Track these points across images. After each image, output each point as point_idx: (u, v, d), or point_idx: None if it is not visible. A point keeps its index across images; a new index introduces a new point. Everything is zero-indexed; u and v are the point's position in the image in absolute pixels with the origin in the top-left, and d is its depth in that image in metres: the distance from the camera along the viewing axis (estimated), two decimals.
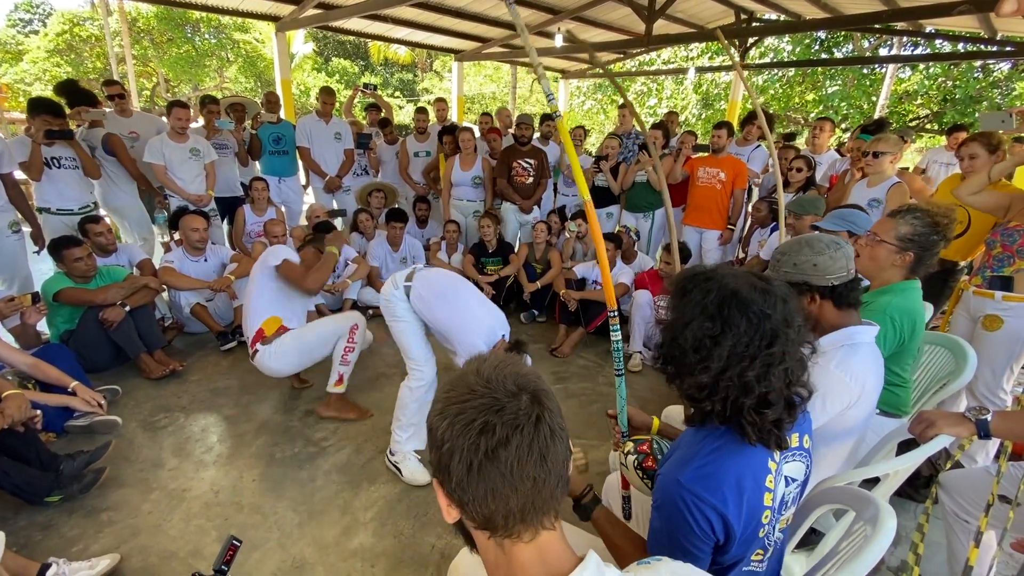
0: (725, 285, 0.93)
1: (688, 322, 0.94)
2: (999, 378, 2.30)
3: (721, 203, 4.17)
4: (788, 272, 1.41)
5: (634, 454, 1.25)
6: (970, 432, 1.30)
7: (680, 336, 0.95)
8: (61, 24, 15.97)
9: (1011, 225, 2.27)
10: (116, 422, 2.55)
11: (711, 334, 0.91)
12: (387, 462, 2.36)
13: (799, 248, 1.42)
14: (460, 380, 0.69)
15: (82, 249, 2.99)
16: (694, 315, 0.94)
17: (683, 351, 0.94)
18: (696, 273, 0.99)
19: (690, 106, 14.09)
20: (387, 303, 2.34)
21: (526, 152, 4.53)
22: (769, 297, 0.92)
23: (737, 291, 0.92)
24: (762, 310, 0.91)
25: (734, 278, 0.95)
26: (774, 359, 0.91)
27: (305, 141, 4.78)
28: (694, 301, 0.95)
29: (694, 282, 0.97)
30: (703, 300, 0.94)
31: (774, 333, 0.91)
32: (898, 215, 1.76)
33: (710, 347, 0.91)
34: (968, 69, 11.05)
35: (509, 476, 0.62)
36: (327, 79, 19.15)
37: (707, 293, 0.94)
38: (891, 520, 0.99)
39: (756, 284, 0.94)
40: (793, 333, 0.93)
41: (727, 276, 0.96)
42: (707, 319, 0.92)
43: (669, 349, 0.99)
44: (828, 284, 1.38)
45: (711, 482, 0.90)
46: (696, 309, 0.94)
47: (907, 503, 2.22)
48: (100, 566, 1.75)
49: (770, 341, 0.91)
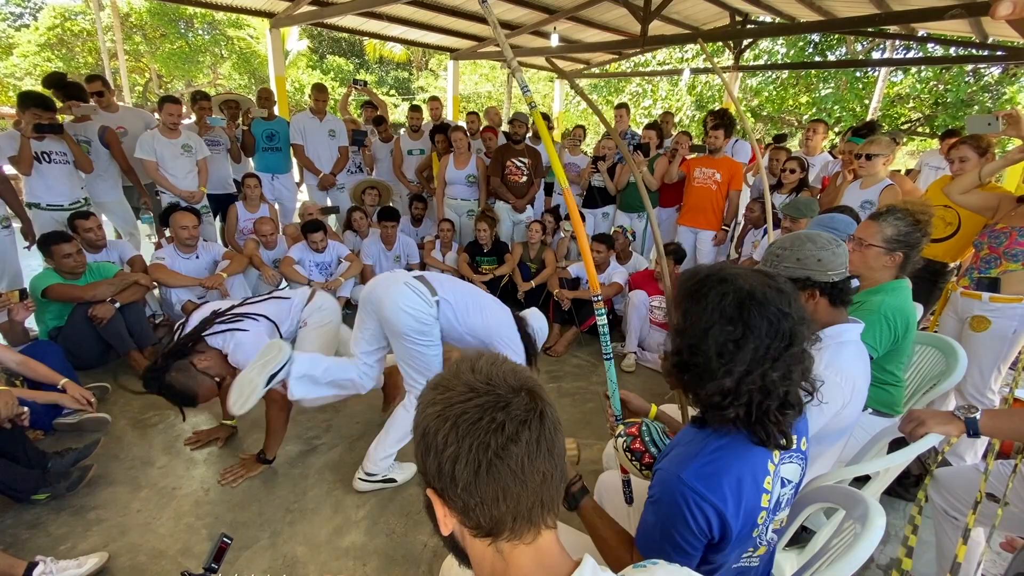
0: (740, 287, 0.92)
1: (708, 327, 0.91)
2: (987, 378, 2.32)
3: (716, 204, 4.18)
4: (790, 267, 1.40)
5: (624, 436, 1.26)
6: (959, 431, 1.32)
7: (702, 342, 0.92)
8: (52, 18, 15.76)
9: (998, 227, 2.30)
10: (106, 420, 2.53)
11: (733, 338, 0.90)
12: (367, 485, 2.19)
13: (801, 243, 1.41)
14: (454, 380, 0.66)
15: (72, 245, 2.96)
16: (713, 319, 0.91)
17: (706, 357, 0.91)
18: (708, 275, 0.96)
19: (684, 107, 14.14)
20: (423, 326, 1.98)
21: (520, 151, 4.53)
22: (783, 295, 0.92)
23: (753, 291, 0.91)
24: (780, 309, 0.90)
25: (746, 278, 0.93)
26: (795, 359, 0.90)
27: (299, 138, 4.75)
28: (711, 305, 0.92)
29: (707, 284, 0.95)
30: (721, 303, 0.91)
31: (792, 332, 0.90)
32: (879, 217, 1.79)
33: (733, 351, 0.90)
34: (959, 73, 11.17)
35: (520, 473, 0.60)
36: (322, 76, 19.03)
37: (724, 296, 0.92)
38: (880, 518, 1.00)
39: (769, 283, 0.93)
40: (807, 330, 0.93)
41: (739, 276, 0.94)
42: (728, 323, 0.90)
43: (689, 356, 0.95)
44: (829, 280, 1.37)
45: (713, 480, 0.90)
46: (715, 313, 0.91)
47: (897, 502, 2.24)
48: (88, 565, 1.73)
49: (790, 341, 0.90)
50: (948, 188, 2.51)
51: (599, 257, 3.82)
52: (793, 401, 0.92)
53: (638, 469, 1.23)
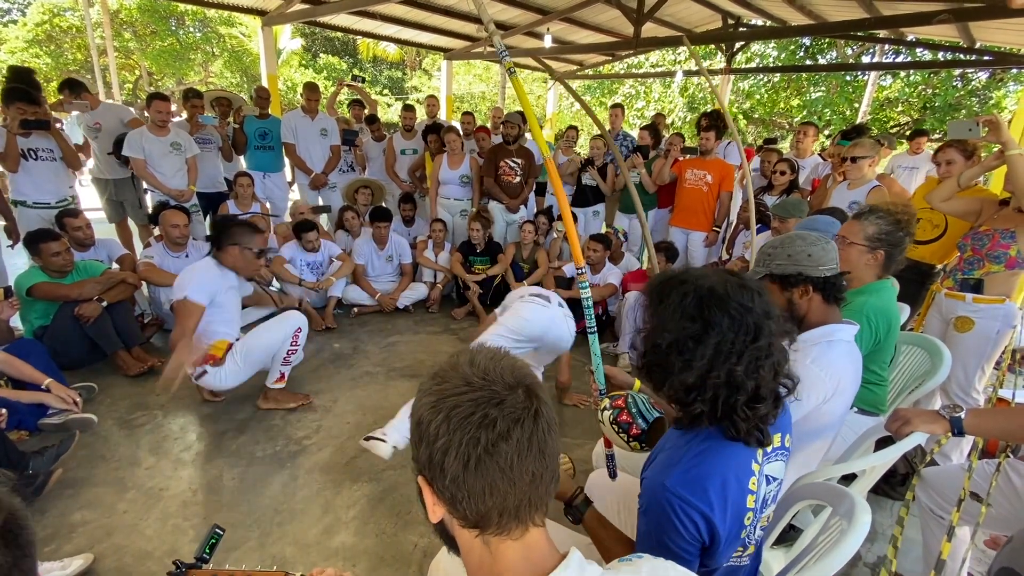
0: (700, 285, 0.94)
1: (668, 326, 0.94)
2: (971, 378, 2.35)
3: (708, 205, 4.21)
4: (782, 264, 1.42)
5: (610, 409, 1.26)
6: (944, 429, 1.33)
7: (660, 339, 0.94)
8: (41, 14, 15.56)
9: (981, 229, 2.33)
10: (92, 420, 2.49)
11: (692, 334, 0.91)
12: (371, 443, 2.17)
13: (791, 241, 1.43)
14: (452, 372, 0.66)
15: (59, 243, 2.92)
16: (674, 318, 0.93)
17: (665, 355, 0.93)
18: (669, 278, 0.99)
19: (676, 109, 14.22)
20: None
21: (513, 151, 4.53)
22: (745, 291, 0.93)
23: (713, 288, 0.92)
24: (742, 303, 0.91)
25: (707, 277, 0.95)
26: (761, 352, 0.91)
27: (290, 137, 4.72)
28: (672, 304, 0.94)
29: (669, 286, 0.97)
30: (681, 302, 0.93)
31: (758, 326, 0.91)
32: (861, 217, 1.82)
33: (693, 347, 0.91)
34: (948, 78, 11.33)
35: (508, 471, 0.60)
36: (315, 76, 18.94)
37: (684, 295, 0.93)
38: (866, 515, 1.00)
39: (729, 280, 0.95)
40: (775, 324, 0.94)
41: (700, 276, 0.96)
42: (687, 320, 0.92)
43: (651, 356, 0.97)
44: (821, 275, 1.39)
45: (697, 486, 0.90)
46: (676, 312, 0.93)
47: (884, 501, 2.26)
48: (73, 566, 1.71)
49: (755, 335, 0.91)
50: (929, 196, 2.54)
51: (595, 256, 3.84)
52: (764, 395, 0.92)
53: (625, 441, 1.23)
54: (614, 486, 1.47)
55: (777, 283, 1.43)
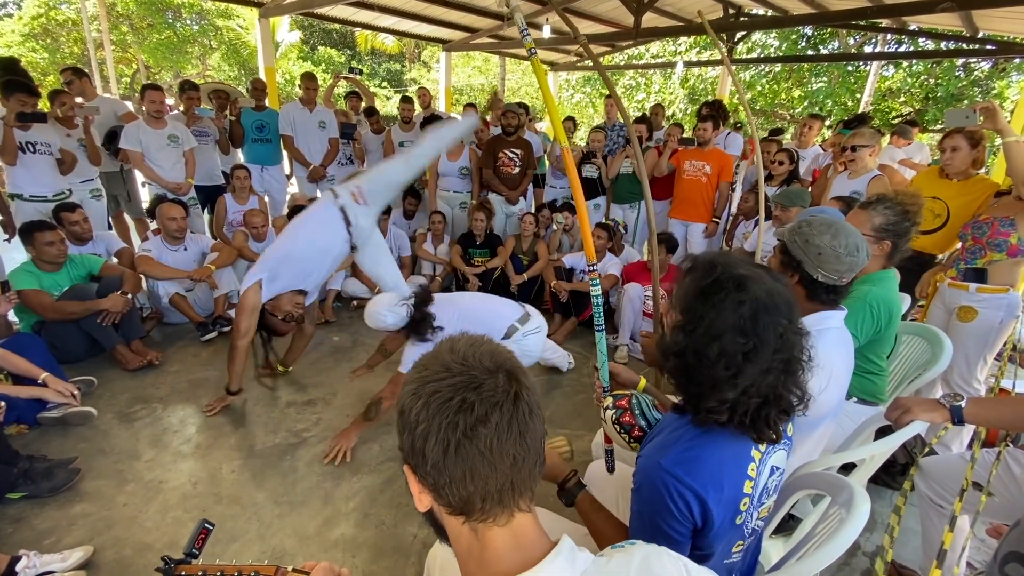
0: (757, 296, 0.88)
1: (719, 335, 0.88)
2: (973, 368, 2.35)
3: (707, 196, 4.18)
4: (795, 242, 1.37)
5: (613, 409, 1.26)
6: (944, 418, 1.32)
7: (709, 349, 0.88)
8: (37, 7, 15.43)
9: (981, 218, 2.32)
10: (91, 413, 2.50)
11: (744, 350, 0.87)
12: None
13: (824, 230, 1.35)
14: (433, 359, 0.66)
15: (54, 233, 2.91)
16: (725, 328, 0.88)
17: (713, 365, 0.88)
18: (723, 276, 0.91)
19: (677, 100, 14.13)
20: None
21: (512, 142, 4.50)
22: (790, 306, 0.91)
23: (768, 302, 0.88)
24: (790, 320, 0.90)
25: (759, 282, 0.90)
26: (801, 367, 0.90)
27: (288, 129, 4.68)
28: (726, 312, 0.88)
29: (723, 287, 0.90)
30: (737, 311, 0.88)
31: (795, 342, 0.90)
32: (868, 207, 1.79)
33: (742, 363, 0.87)
34: (950, 67, 11.23)
35: (488, 455, 0.60)
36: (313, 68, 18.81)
37: (740, 304, 0.88)
38: (865, 504, 1.00)
39: (779, 290, 0.90)
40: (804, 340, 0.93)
41: (753, 281, 0.90)
42: (740, 334, 0.87)
43: (695, 360, 0.91)
44: (813, 277, 1.35)
45: (692, 466, 0.90)
46: (728, 322, 0.88)
47: (883, 490, 2.26)
48: (73, 558, 1.71)
49: (791, 351, 0.90)
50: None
51: (599, 243, 3.83)
52: (787, 407, 0.91)
53: (626, 442, 1.23)
54: (612, 478, 1.46)
55: (784, 253, 1.42)
